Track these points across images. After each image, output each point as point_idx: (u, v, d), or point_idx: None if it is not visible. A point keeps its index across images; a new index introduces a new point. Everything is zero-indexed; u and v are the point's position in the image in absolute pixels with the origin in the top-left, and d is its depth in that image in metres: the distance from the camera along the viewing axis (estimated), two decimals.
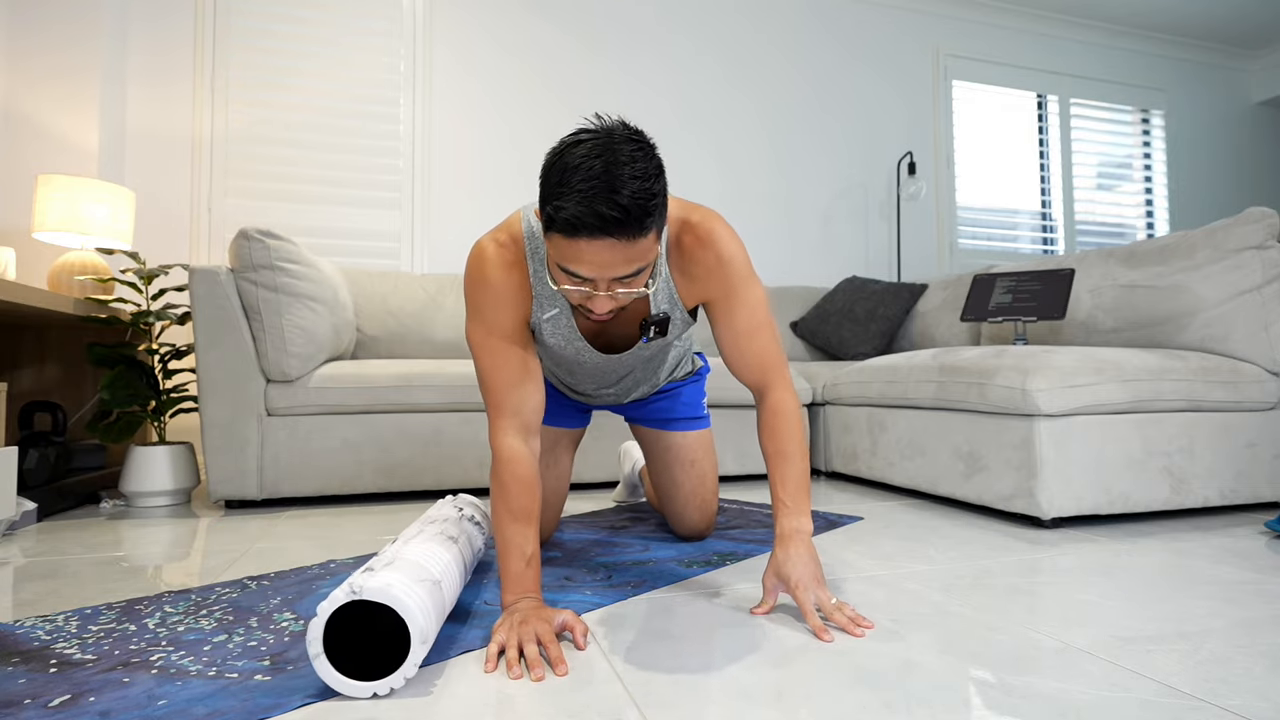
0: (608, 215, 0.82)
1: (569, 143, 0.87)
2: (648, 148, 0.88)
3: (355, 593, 0.75)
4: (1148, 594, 1.11)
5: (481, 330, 1.05)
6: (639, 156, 0.86)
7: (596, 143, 0.85)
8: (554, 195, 0.85)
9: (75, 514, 1.87)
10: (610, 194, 0.82)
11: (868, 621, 0.96)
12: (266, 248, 1.90)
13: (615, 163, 0.84)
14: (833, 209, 3.74)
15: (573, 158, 0.85)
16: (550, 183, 0.86)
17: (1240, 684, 0.78)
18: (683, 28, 3.50)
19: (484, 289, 1.04)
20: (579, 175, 0.83)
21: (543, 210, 0.88)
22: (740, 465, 2.34)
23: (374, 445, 2.01)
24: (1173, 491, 1.67)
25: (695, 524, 1.45)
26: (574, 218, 0.83)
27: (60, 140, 2.47)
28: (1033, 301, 2.11)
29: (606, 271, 0.87)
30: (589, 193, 0.82)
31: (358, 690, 0.75)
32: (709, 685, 0.79)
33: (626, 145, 0.86)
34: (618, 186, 0.83)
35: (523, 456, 1.02)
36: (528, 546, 0.97)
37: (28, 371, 2.23)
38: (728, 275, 1.07)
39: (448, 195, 3.11)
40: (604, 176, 0.83)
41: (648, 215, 0.85)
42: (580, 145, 0.86)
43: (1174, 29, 4.41)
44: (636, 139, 0.88)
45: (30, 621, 1.01)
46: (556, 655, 0.83)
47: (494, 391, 1.04)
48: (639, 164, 0.85)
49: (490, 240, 1.06)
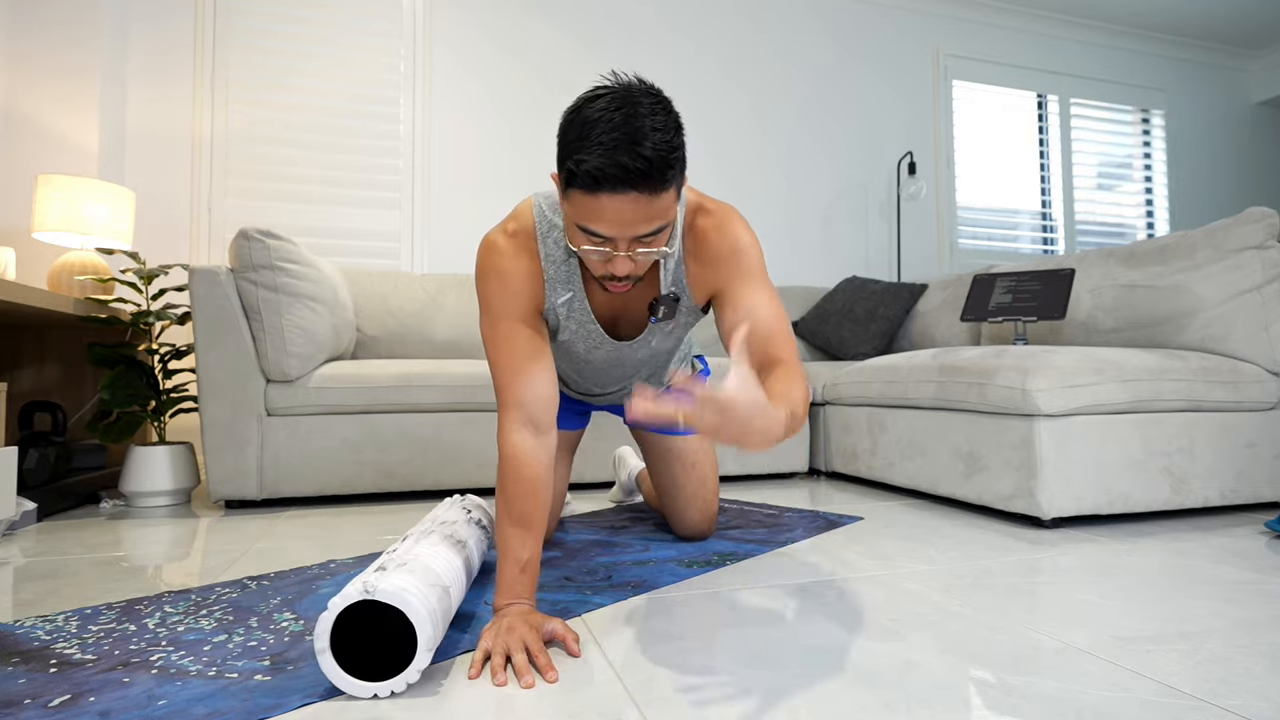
0: (631, 166, 0.81)
1: (587, 98, 0.86)
2: (666, 102, 0.87)
3: (369, 592, 0.75)
4: (1148, 594, 1.11)
5: (490, 320, 1.04)
6: (659, 110, 0.85)
7: (615, 96, 0.84)
8: (575, 149, 0.84)
9: (75, 514, 1.87)
10: (633, 145, 0.81)
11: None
12: (266, 248, 1.90)
13: (636, 115, 0.83)
14: (833, 209, 3.74)
15: (592, 111, 0.84)
16: (569, 138, 0.85)
17: (1240, 684, 0.78)
18: (682, 27, 3.50)
19: (494, 280, 1.03)
20: (599, 128, 0.82)
21: (561, 168, 0.87)
22: (740, 465, 2.34)
23: (374, 445, 2.01)
24: (1173, 491, 1.67)
25: (696, 525, 1.45)
26: (596, 169, 0.82)
27: (60, 140, 2.47)
28: (1033, 301, 2.11)
29: (628, 230, 0.87)
30: (611, 145, 0.81)
31: (359, 690, 0.75)
32: (709, 685, 0.79)
33: (646, 99, 0.85)
34: (639, 138, 0.82)
35: (528, 455, 0.99)
36: (523, 552, 0.95)
37: (28, 371, 2.23)
38: (741, 263, 1.03)
39: (448, 195, 3.11)
40: (625, 128, 0.82)
41: (669, 168, 0.84)
42: (599, 99, 0.85)
43: (1174, 29, 4.41)
44: (654, 93, 0.87)
45: (30, 621, 1.01)
46: (545, 663, 0.81)
47: (501, 378, 1.02)
48: (659, 117, 0.84)
49: (498, 232, 1.06)
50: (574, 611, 1.04)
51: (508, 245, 1.04)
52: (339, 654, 0.79)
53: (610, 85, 0.87)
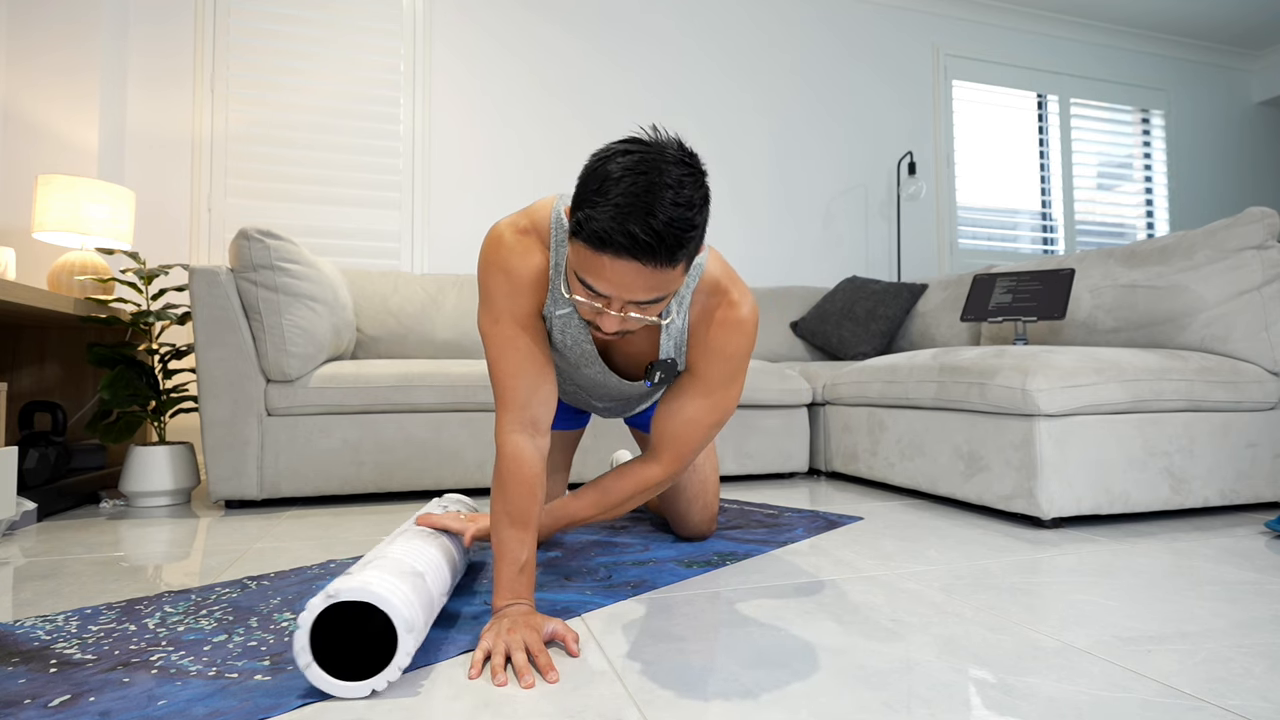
0: (639, 238, 0.78)
1: (616, 150, 0.83)
2: (698, 174, 0.83)
3: (332, 596, 0.75)
4: (1148, 594, 1.11)
5: (490, 318, 1.02)
6: (686, 182, 0.81)
7: (644, 157, 0.81)
8: (587, 202, 0.81)
9: (75, 514, 1.87)
10: (646, 215, 0.78)
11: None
12: (266, 248, 1.90)
13: (659, 184, 0.79)
14: (833, 209, 3.74)
15: (616, 167, 0.81)
16: (586, 188, 0.82)
17: (1240, 684, 0.78)
18: (683, 25, 3.50)
19: (500, 277, 1.00)
20: (618, 188, 0.79)
21: (573, 213, 0.84)
22: (740, 465, 2.34)
23: (374, 445, 2.01)
24: (1173, 491, 1.67)
25: (697, 525, 1.45)
26: (603, 231, 0.79)
27: (60, 140, 2.47)
28: (1033, 301, 2.11)
29: (624, 293, 0.84)
30: (625, 209, 0.78)
31: (355, 691, 0.75)
32: (709, 685, 0.79)
33: (675, 168, 0.81)
34: (655, 209, 0.78)
35: (527, 456, 0.99)
36: (523, 552, 0.95)
37: (28, 371, 2.23)
38: (724, 366, 1.07)
39: (448, 195, 3.11)
40: (644, 195, 0.78)
41: (681, 247, 0.81)
42: (627, 156, 0.81)
43: (1174, 29, 4.41)
44: (688, 163, 0.83)
45: (30, 621, 1.01)
46: (546, 663, 0.81)
47: (501, 381, 1.01)
48: (684, 190, 0.80)
49: (508, 226, 1.02)
50: (574, 611, 1.04)
51: (516, 242, 1.01)
52: (333, 660, 0.79)
53: (645, 141, 0.83)
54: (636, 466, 1.12)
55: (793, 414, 2.42)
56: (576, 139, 3.30)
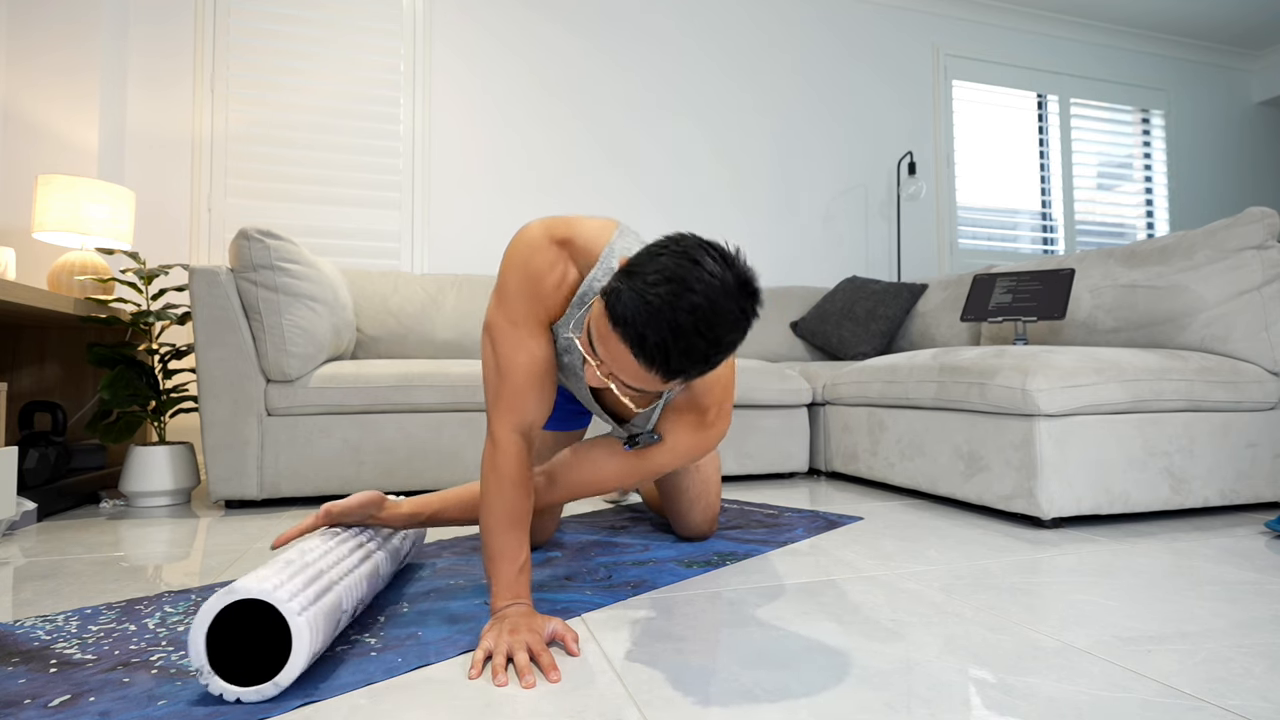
0: (656, 358, 0.79)
1: (685, 277, 0.78)
2: (748, 321, 0.83)
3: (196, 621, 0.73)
4: (1148, 594, 1.11)
5: (508, 318, 1.00)
6: (727, 344, 0.81)
7: (707, 303, 0.78)
8: (639, 311, 0.78)
9: (75, 514, 1.87)
10: (684, 355, 0.79)
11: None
12: (266, 248, 1.90)
13: (718, 326, 0.79)
14: (833, 209, 3.74)
15: (682, 299, 0.77)
16: (644, 293, 0.78)
17: (1240, 684, 0.78)
18: (684, 24, 3.50)
19: (524, 278, 0.99)
20: (668, 325, 0.78)
21: (621, 280, 0.81)
22: (740, 465, 2.34)
23: (374, 445, 2.01)
24: (1173, 491, 1.67)
25: (698, 525, 1.45)
26: (642, 350, 0.79)
27: (60, 140, 2.47)
28: (1033, 301, 2.11)
29: (627, 378, 0.84)
30: (669, 344, 0.78)
31: (256, 694, 0.74)
32: (709, 685, 0.79)
33: (734, 309, 0.80)
34: (688, 349, 0.79)
35: (522, 458, 0.99)
36: (521, 553, 0.95)
37: (28, 371, 2.23)
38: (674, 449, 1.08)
39: (448, 195, 3.11)
40: (689, 339, 0.78)
41: (689, 378, 0.84)
42: (696, 284, 0.78)
43: (1174, 29, 4.41)
44: (744, 310, 0.81)
45: (30, 621, 1.01)
46: (549, 663, 0.81)
47: (510, 386, 1.00)
48: (724, 340, 0.80)
49: (545, 232, 1.00)
50: (574, 611, 1.04)
51: (551, 253, 0.99)
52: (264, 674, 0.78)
53: (715, 274, 0.79)
54: (608, 461, 1.11)
55: (793, 414, 2.42)
56: (577, 138, 3.30)
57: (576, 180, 3.29)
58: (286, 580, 0.78)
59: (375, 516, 1.11)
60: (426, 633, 0.95)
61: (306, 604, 0.77)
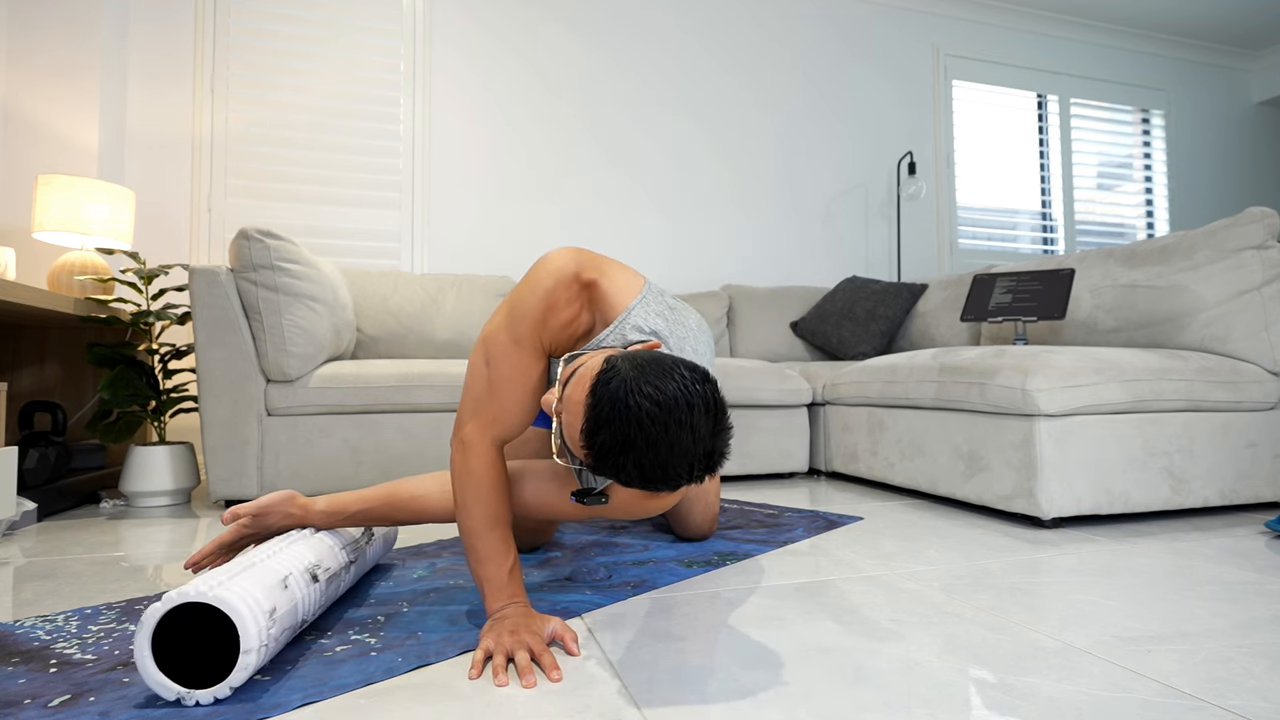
0: (603, 469, 0.79)
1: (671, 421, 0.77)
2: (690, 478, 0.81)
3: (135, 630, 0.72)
4: (1148, 594, 1.11)
5: (512, 336, 0.99)
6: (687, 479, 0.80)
7: (669, 459, 0.77)
8: (611, 419, 0.77)
9: (75, 514, 1.87)
10: (619, 473, 0.79)
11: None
12: (266, 248, 1.90)
13: (654, 472, 0.78)
14: (833, 208, 3.74)
15: (650, 451, 0.77)
16: (627, 414, 0.77)
17: (1240, 684, 0.78)
18: (684, 23, 3.50)
19: (541, 304, 0.98)
20: (625, 448, 0.77)
21: (599, 395, 0.78)
22: (740, 465, 2.34)
23: (374, 445, 2.01)
24: (1173, 491, 1.67)
25: (698, 526, 1.45)
26: (590, 442, 0.79)
27: (60, 140, 2.47)
28: (1033, 301, 2.11)
29: (570, 446, 0.84)
30: (614, 459, 0.78)
31: (207, 695, 0.74)
32: (709, 685, 0.79)
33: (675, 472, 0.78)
34: (627, 479, 0.79)
35: (497, 461, 0.99)
36: (508, 554, 0.95)
37: (28, 371, 2.23)
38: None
39: (448, 195, 3.11)
40: (633, 468, 0.78)
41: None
42: (675, 432, 0.77)
43: (1174, 29, 4.41)
44: (692, 471, 0.79)
45: (30, 621, 1.01)
46: (550, 662, 0.81)
47: (495, 399, 0.99)
48: (655, 482, 0.79)
49: (575, 266, 0.99)
50: (574, 611, 1.04)
51: (573, 290, 0.99)
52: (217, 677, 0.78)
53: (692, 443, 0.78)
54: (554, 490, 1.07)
55: (793, 414, 2.42)
56: (578, 138, 3.30)
57: (577, 180, 3.30)
58: (209, 577, 0.77)
59: (291, 515, 1.07)
60: (426, 633, 0.95)
61: (230, 578, 0.76)
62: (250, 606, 0.75)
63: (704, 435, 0.78)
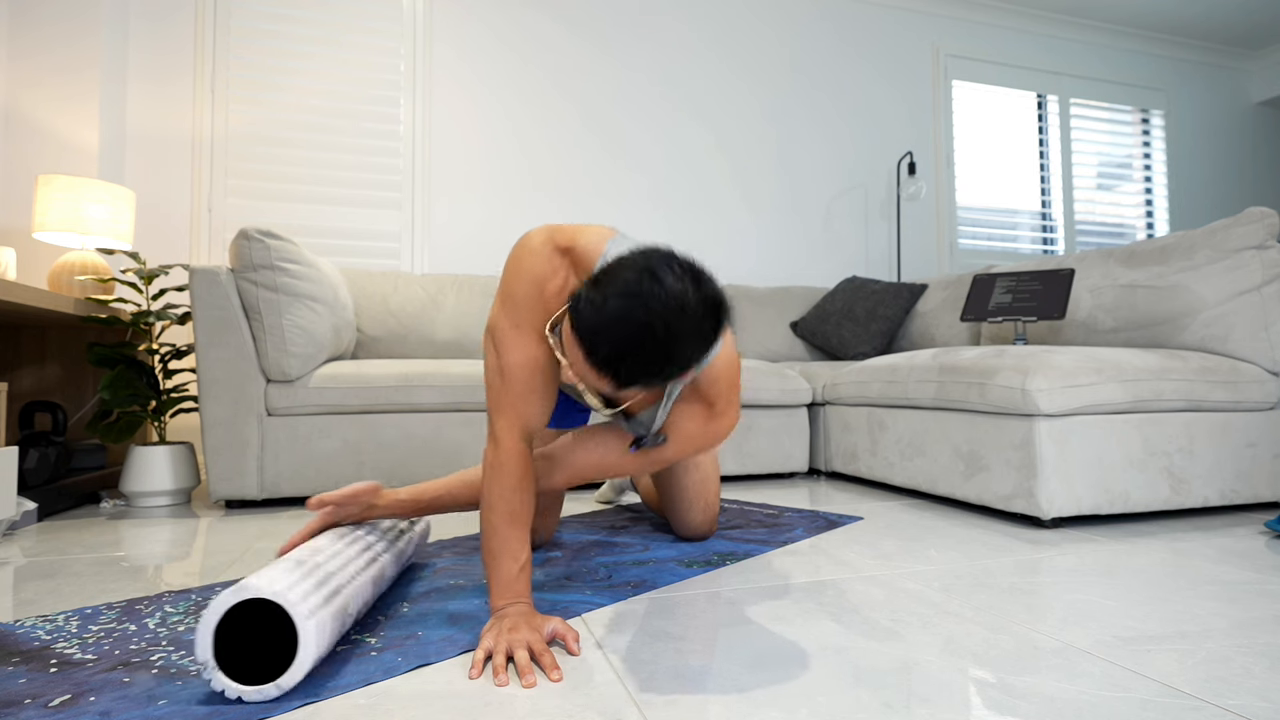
0: (621, 379, 0.80)
1: (639, 289, 0.78)
2: (706, 341, 0.82)
3: (207, 614, 0.73)
4: (1148, 594, 1.11)
5: (511, 322, 1.01)
6: (691, 350, 0.81)
7: (669, 308, 0.78)
8: (599, 336, 0.79)
9: (75, 514, 1.87)
10: (665, 363, 0.79)
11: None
12: (267, 248, 1.90)
13: (679, 336, 0.78)
14: (833, 209, 3.74)
15: (640, 312, 0.78)
16: (600, 305, 0.79)
17: (1240, 684, 0.78)
18: (685, 24, 3.50)
19: (526, 283, 1.00)
20: (619, 339, 0.78)
21: (578, 323, 0.81)
22: (740, 465, 2.34)
23: (374, 445, 2.01)
24: (1173, 491, 1.67)
25: (698, 525, 1.45)
26: (615, 372, 0.80)
27: (60, 140, 2.47)
28: (1033, 301, 2.11)
29: (593, 388, 0.87)
30: (642, 361, 0.78)
31: (259, 694, 0.74)
32: (709, 685, 0.79)
33: (695, 310, 0.79)
34: (671, 360, 0.79)
35: (524, 458, 1.00)
36: (522, 551, 0.96)
37: (28, 371, 2.23)
38: (680, 446, 1.09)
39: (448, 195, 3.11)
40: (661, 349, 0.78)
41: (679, 380, 0.83)
42: (651, 302, 0.78)
43: (1174, 29, 4.41)
44: (701, 330, 0.81)
45: (30, 621, 1.01)
46: (550, 662, 0.82)
47: (508, 387, 1.01)
48: (677, 360, 0.80)
49: (548, 239, 1.01)
50: (574, 611, 1.04)
51: (554, 260, 1.01)
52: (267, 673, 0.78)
53: (672, 291, 0.79)
54: (610, 445, 1.12)
55: (793, 414, 2.42)
56: (579, 138, 3.30)
57: (577, 180, 3.30)
58: (298, 581, 0.78)
59: (374, 506, 1.10)
60: (426, 633, 0.95)
61: (316, 607, 0.77)
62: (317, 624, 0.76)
63: (686, 289, 0.81)
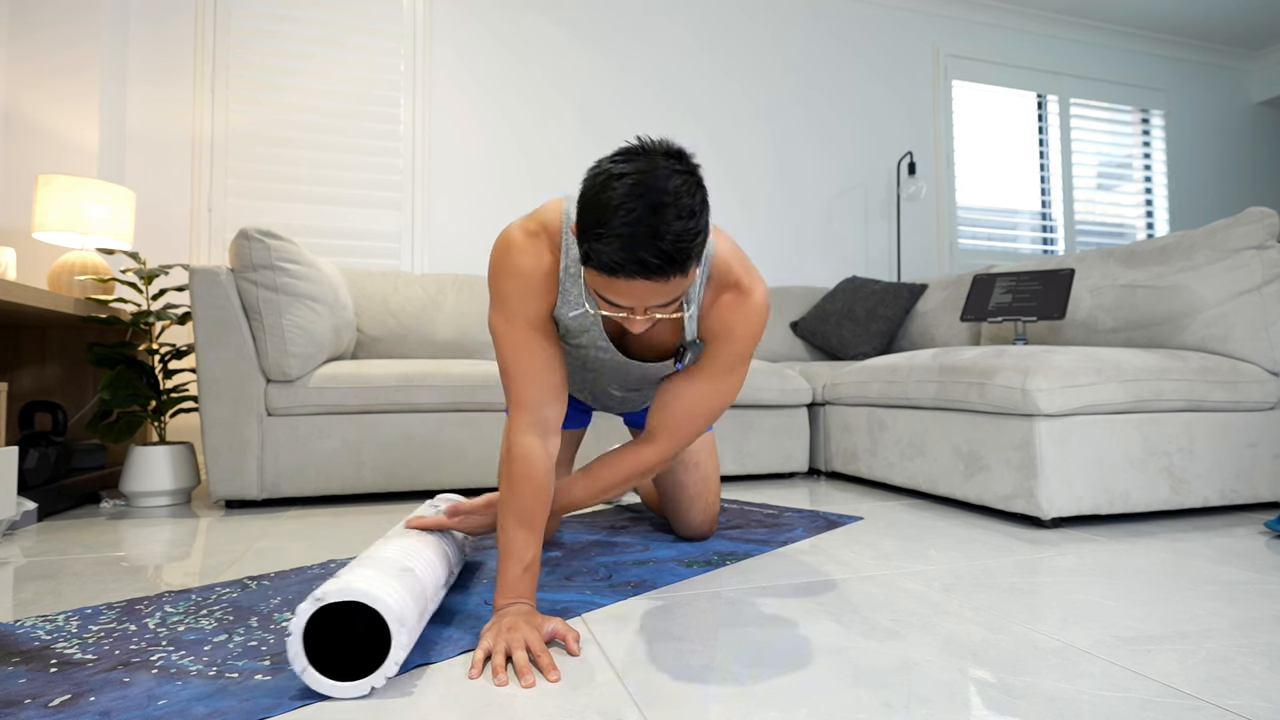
0: (650, 262, 0.80)
1: (609, 174, 0.83)
2: (693, 180, 0.84)
3: (319, 600, 0.75)
4: (1148, 594, 1.11)
5: (504, 318, 1.02)
6: (683, 192, 0.82)
7: (640, 180, 0.81)
8: (592, 234, 0.82)
9: (75, 514, 1.87)
10: (653, 239, 0.80)
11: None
12: (267, 248, 1.90)
13: (659, 204, 0.80)
14: (833, 209, 3.74)
15: (614, 195, 0.81)
16: (588, 219, 0.83)
17: (1240, 684, 0.78)
18: (684, 25, 3.50)
19: (513, 279, 1.01)
20: (619, 216, 0.80)
21: (580, 242, 0.85)
22: (740, 465, 2.34)
23: (374, 445, 2.01)
24: (1173, 491, 1.67)
25: (698, 525, 1.45)
26: (614, 262, 0.81)
27: (60, 140, 2.47)
28: (1033, 301, 2.11)
29: (644, 303, 0.87)
30: (630, 237, 0.80)
31: (354, 690, 0.75)
32: (709, 685, 0.79)
33: (671, 179, 0.81)
34: (660, 231, 0.80)
35: (538, 456, 0.99)
36: (528, 552, 0.96)
37: (28, 371, 2.23)
38: (730, 352, 1.07)
39: (448, 195, 3.11)
40: (647, 220, 0.80)
41: (689, 258, 0.83)
42: (622, 180, 0.81)
43: (1174, 29, 4.41)
44: (682, 170, 0.83)
45: (30, 621, 1.01)
46: (548, 663, 0.81)
47: (515, 381, 1.02)
48: (684, 201, 0.81)
49: (519, 229, 1.03)
50: (574, 611, 1.05)
51: (527, 244, 1.01)
52: (331, 663, 0.79)
53: (636, 154, 0.84)
54: (631, 450, 1.12)
55: (793, 414, 2.42)
56: (577, 138, 3.30)
57: (576, 180, 3.29)
58: (407, 597, 0.80)
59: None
60: (427, 632, 0.95)
61: (412, 639, 0.79)
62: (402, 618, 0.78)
63: (659, 166, 0.82)
